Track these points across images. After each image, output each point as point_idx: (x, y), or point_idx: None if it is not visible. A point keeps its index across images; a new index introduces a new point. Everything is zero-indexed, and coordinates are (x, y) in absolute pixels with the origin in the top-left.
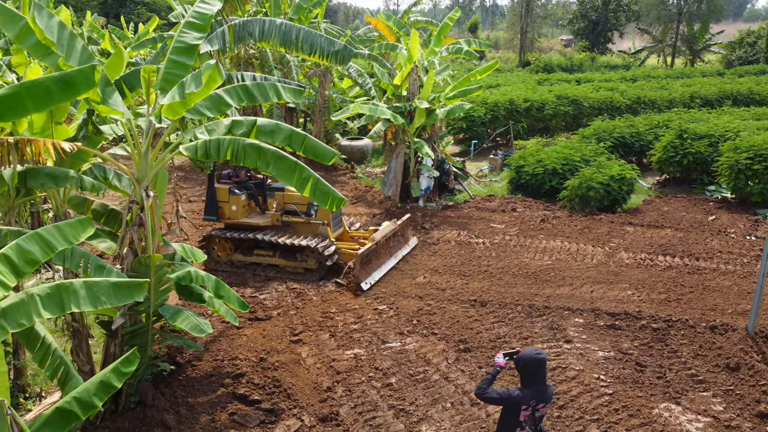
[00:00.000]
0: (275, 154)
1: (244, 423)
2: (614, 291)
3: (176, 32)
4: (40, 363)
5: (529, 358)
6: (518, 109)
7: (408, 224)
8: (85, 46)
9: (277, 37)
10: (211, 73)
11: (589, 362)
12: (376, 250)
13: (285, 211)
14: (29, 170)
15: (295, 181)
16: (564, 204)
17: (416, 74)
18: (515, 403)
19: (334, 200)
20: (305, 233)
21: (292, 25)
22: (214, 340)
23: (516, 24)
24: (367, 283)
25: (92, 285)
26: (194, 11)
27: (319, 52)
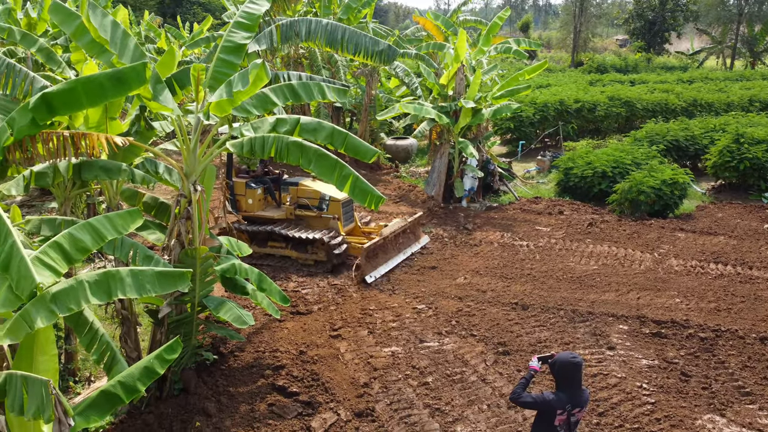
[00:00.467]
0: (317, 152)
1: (282, 414)
2: (662, 298)
3: (225, 32)
4: (88, 347)
5: (564, 361)
6: (568, 110)
7: (419, 222)
8: (138, 45)
9: (323, 37)
10: (258, 72)
11: (631, 370)
12: (384, 245)
13: (298, 205)
14: (83, 163)
15: (335, 179)
16: (613, 208)
17: (463, 74)
18: (550, 408)
19: (373, 198)
20: (317, 227)
21: (337, 25)
22: (256, 332)
23: (569, 23)
24: (371, 276)
25: (138, 273)
26: (243, 11)
27: (364, 51)
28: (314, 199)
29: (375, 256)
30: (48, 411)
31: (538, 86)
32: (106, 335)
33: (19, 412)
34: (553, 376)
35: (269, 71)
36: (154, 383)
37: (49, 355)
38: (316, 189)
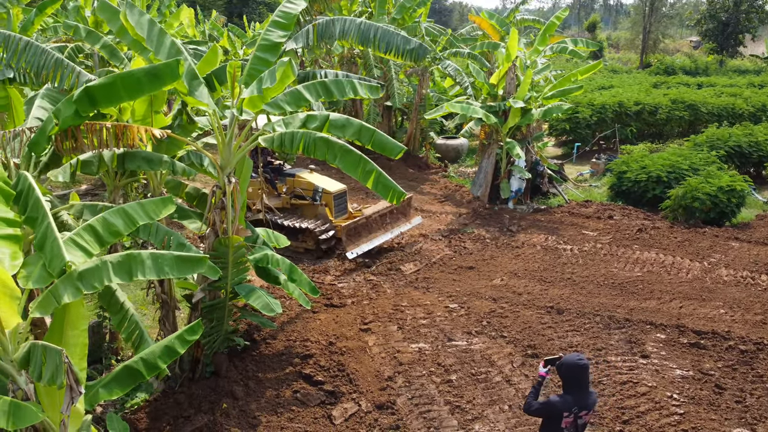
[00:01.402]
0: (342, 147)
1: (305, 401)
2: (705, 308)
3: (263, 31)
4: (118, 326)
5: (570, 363)
6: (628, 112)
7: (408, 203)
8: (174, 42)
9: (356, 36)
10: (285, 70)
11: (663, 380)
12: (367, 224)
13: (294, 195)
14: (127, 153)
15: (359, 174)
16: (666, 214)
17: (514, 73)
18: (557, 411)
19: (395, 194)
20: (310, 216)
21: (370, 25)
22: (289, 321)
23: (639, 23)
24: (353, 252)
25: (158, 257)
26: (280, 11)
27: (395, 50)
28: (308, 190)
29: (357, 234)
30: (60, 378)
31: (600, 87)
32: (136, 315)
33: (38, 378)
34: (560, 378)
35: (296, 69)
36: (187, 365)
37: (78, 330)
38: (310, 181)
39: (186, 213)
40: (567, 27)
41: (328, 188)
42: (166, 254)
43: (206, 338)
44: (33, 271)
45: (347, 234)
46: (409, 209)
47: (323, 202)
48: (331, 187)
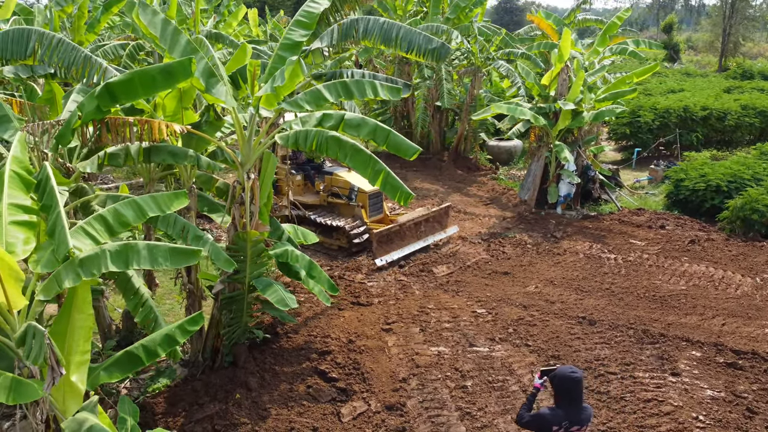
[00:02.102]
0: (353, 147)
1: (316, 397)
2: (750, 327)
3: (286, 30)
4: (133, 310)
5: (563, 376)
6: (693, 117)
7: (446, 212)
8: (190, 41)
9: (379, 35)
10: (294, 68)
11: (692, 400)
12: (400, 231)
13: (331, 194)
14: (153, 147)
15: (368, 174)
16: (723, 226)
17: (566, 74)
18: (547, 424)
19: (402, 194)
20: (346, 215)
21: (393, 24)
22: (314, 317)
23: (718, 25)
24: (382, 260)
25: (153, 247)
26: (303, 10)
27: (417, 49)
28: (345, 189)
29: (389, 241)
30: (41, 358)
31: (670, 90)
32: (151, 301)
33: (27, 357)
34: (553, 390)
35: (305, 69)
36: (209, 354)
37: (85, 314)
38: (347, 180)
39: (215, 206)
40: (645, 28)
41: (363, 188)
42: (161, 245)
43: (226, 329)
44: (43, 257)
45: (378, 240)
46: (446, 218)
47: (358, 201)
48: (366, 187)
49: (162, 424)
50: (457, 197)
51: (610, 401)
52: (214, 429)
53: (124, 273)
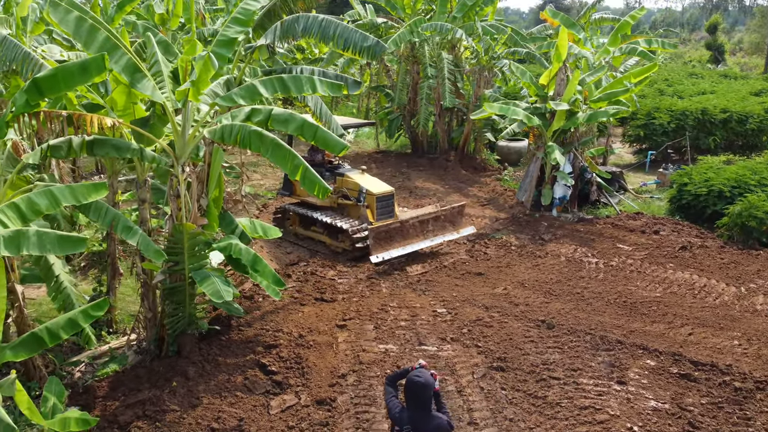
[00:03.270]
0: (273, 141)
1: (251, 388)
2: (718, 338)
3: (222, 27)
4: (53, 298)
5: (408, 378)
6: (712, 120)
7: (459, 211)
8: (109, 37)
9: (318, 33)
10: (204, 63)
11: (632, 410)
12: (402, 229)
13: (342, 195)
14: (96, 140)
15: (288, 168)
16: (721, 233)
17: (564, 74)
18: (391, 415)
19: (320, 188)
20: (354, 216)
21: (330, 22)
22: (273, 311)
23: (765, 26)
24: (378, 257)
25: (42, 234)
26: (240, 8)
27: (353, 46)
28: (354, 190)
29: (388, 238)
30: None
31: (701, 92)
32: (70, 288)
33: None
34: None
35: (215, 63)
36: (155, 343)
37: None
38: (356, 181)
39: None
40: (698, 28)
41: (372, 190)
42: (50, 233)
43: (169, 319)
44: None
45: (375, 237)
46: (460, 218)
47: (366, 203)
48: (375, 189)
49: (100, 407)
50: (456, 197)
51: (545, 406)
52: (144, 414)
53: (46, 260)
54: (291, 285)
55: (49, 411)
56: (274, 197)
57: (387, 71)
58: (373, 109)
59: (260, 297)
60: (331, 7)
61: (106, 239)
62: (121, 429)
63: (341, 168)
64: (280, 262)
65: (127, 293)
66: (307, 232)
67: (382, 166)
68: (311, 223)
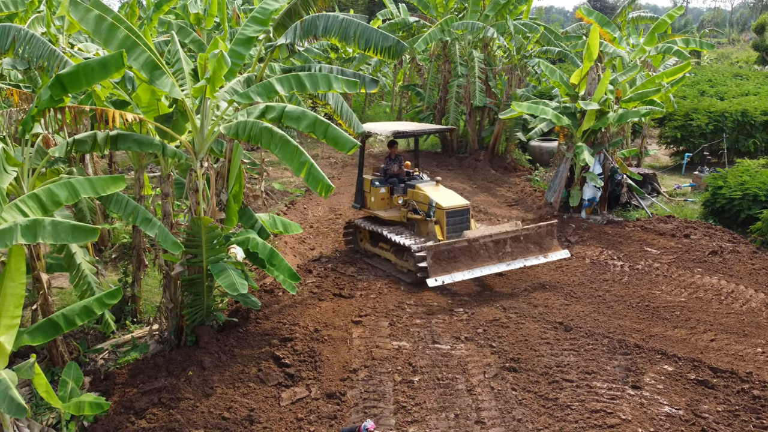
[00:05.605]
0: (282, 137)
1: (264, 380)
2: (740, 345)
3: (241, 26)
4: (75, 285)
5: None
6: (752, 122)
7: (549, 231)
8: (129, 35)
9: (338, 32)
10: (218, 61)
11: (645, 415)
12: (468, 248)
13: (413, 209)
14: (120, 135)
15: (294, 164)
16: (754, 238)
17: (596, 73)
18: None
19: (324, 186)
20: (423, 233)
21: (351, 21)
22: (292, 305)
23: None
24: (437, 279)
25: (57, 224)
26: (259, 7)
27: (374, 46)
28: (424, 204)
29: (451, 258)
30: None
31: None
32: (90, 276)
33: None
34: None
35: (228, 61)
36: (174, 333)
37: (16, 282)
38: (426, 194)
39: None
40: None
41: (441, 203)
42: (65, 222)
43: (188, 310)
44: None
45: (434, 257)
46: (549, 239)
47: (436, 218)
48: (445, 202)
49: (119, 393)
50: (483, 197)
51: (555, 408)
52: (159, 401)
53: (68, 249)
54: (311, 280)
55: (67, 395)
56: (302, 194)
57: (419, 70)
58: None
59: (280, 291)
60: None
61: (133, 232)
62: (136, 415)
63: (416, 179)
64: (303, 258)
65: (154, 285)
66: (374, 248)
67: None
68: (380, 239)
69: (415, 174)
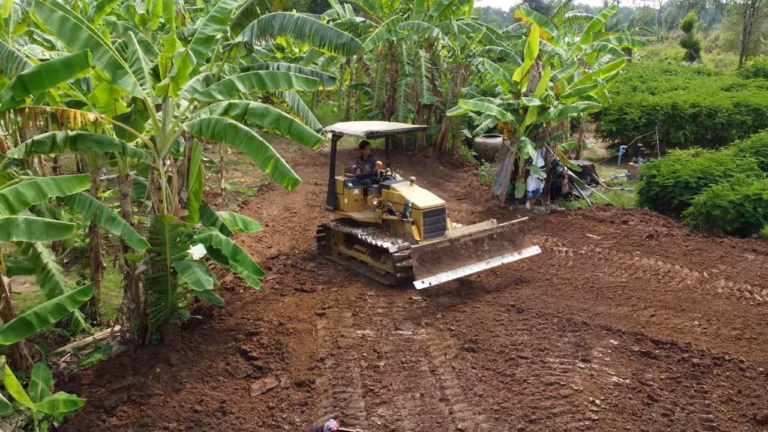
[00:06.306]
0: (247, 133)
1: (233, 373)
2: (679, 319)
3: (200, 26)
4: (42, 285)
5: None
6: (682, 115)
7: (521, 228)
8: (91, 35)
9: (293, 30)
10: (183, 59)
11: (594, 385)
12: (451, 249)
13: (388, 210)
14: (78, 135)
15: (260, 159)
16: (687, 222)
17: (536, 71)
18: None
19: (290, 180)
20: (400, 234)
21: (306, 20)
22: (254, 301)
23: (739, 23)
24: (424, 281)
25: (31, 222)
26: (218, 6)
27: (328, 43)
28: (400, 204)
29: (435, 259)
30: None
31: (675, 88)
32: (58, 276)
33: None
34: None
35: (193, 59)
36: (138, 332)
37: None
38: (401, 194)
39: None
40: (674, 26)
41: (418, 203)
42: (38, 220)
43: (152, 308)
44: None
45: (420, 258)
46: (522, 236)
47: (412, 219)
48: (422, 202)
49: (86, 393)
50: (433, 192)
51: (513, 383)
52: (129, 398)
53: (34, 249)
54: (271, 277)
55: (38, 395)
56: (255, 194)
57: (366, 69)
58: (353, 107)
59: (241, 289)
60: (312, 6)
61: (89, 234)
62: (107, 413)
63: (389, 179)
64: (261, 256)
65: (110, 287)
66: (350, 251)
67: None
68: (355, 241)
69: (388, 174)
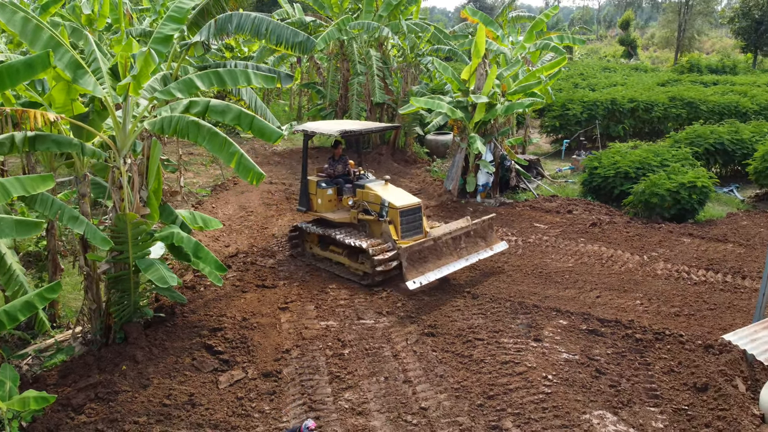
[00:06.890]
0: (210, 130)
1: (199, 368)
2: (622, 299)
3: (158, 25)
4: (6, 285)
5: None
6: (621, 110)
7: (490, 225)
8: (52, 36)
9: (250, 29)
10: (145, 58)
11: (547, 362)
12: (435, 247)
13: (363, 210)
14: (37, 136)
15: (224, 155)
16: (627, 210)
17: (483, 69)
18: None
19: (255, 175)
20: (376, 233)
21: (263, 19)
22: (216, 298)
23: (674, 21)
24: (416, 282)
25: (1, 219)
26: (175, 6)
27: (285, 42)
28: (376, 204)
29: (422, 259)
30: None
31: (613, 84)
32: (21, 277)
33: None
34: None
35: (156, 58)
36: (101, 332)
37: None
38: (377, 193)
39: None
40: (613, 25)
41: (394, 202)
42: (7, 218)
43: (115, 307)
44: None
45: (409, 258)
46: (491, 232)
47: (389, 218)
48: (398, 202)
49: (52, 392)
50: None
51: (471, 363)
52: (97, 396)
53: None
54: (232, 275)
55: (6, 394)
56: (208, 194)
57: (318, 69)
58: (306, 106)
59: (202, 287)
60: (258, 6)
61: (46, 236)
62: (75, 411)
63: (363, 179)
64: (220, 255)
65: (68, 290)
66: (324, 252)
67: (317, 162)
68: (330, 242)
69: (361, 173)
